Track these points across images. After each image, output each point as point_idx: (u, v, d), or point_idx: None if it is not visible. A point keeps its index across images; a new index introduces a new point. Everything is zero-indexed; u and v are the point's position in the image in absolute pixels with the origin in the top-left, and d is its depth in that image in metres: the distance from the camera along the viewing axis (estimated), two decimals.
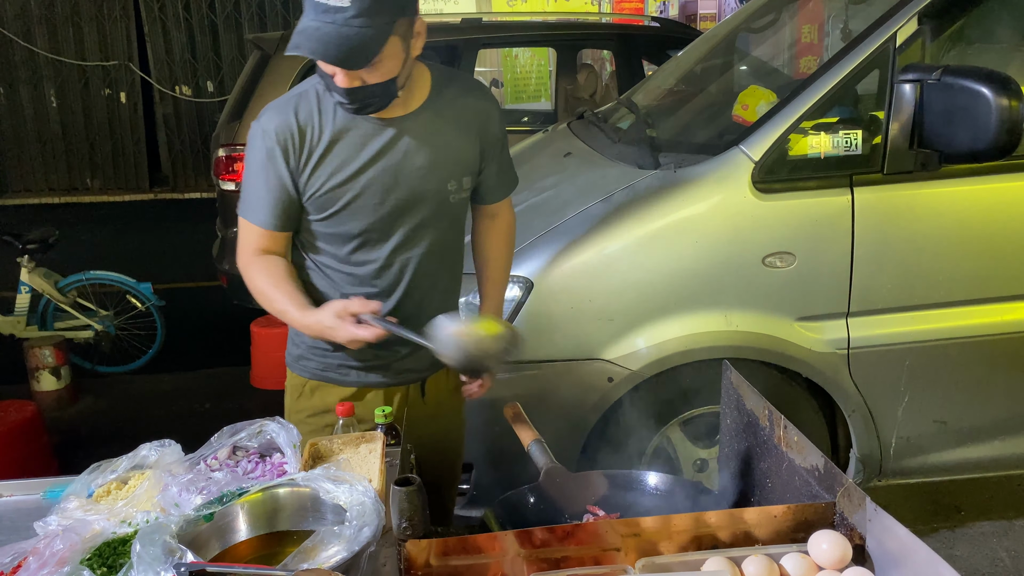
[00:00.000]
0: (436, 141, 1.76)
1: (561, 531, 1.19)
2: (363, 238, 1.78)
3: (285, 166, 1.70)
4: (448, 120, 1.78)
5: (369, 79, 1.59)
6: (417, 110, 1.74)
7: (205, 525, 1.30)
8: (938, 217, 2.49)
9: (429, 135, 1.76)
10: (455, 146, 1.80)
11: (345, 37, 1.50)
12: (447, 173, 1.79)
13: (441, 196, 1.80)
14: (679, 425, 2.58)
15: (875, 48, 2.39)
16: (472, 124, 1.83)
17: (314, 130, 1.69)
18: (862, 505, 1.15)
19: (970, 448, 2.69)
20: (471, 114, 1.83)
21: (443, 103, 1.78)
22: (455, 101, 1.80)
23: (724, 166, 2.45)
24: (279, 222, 1.76)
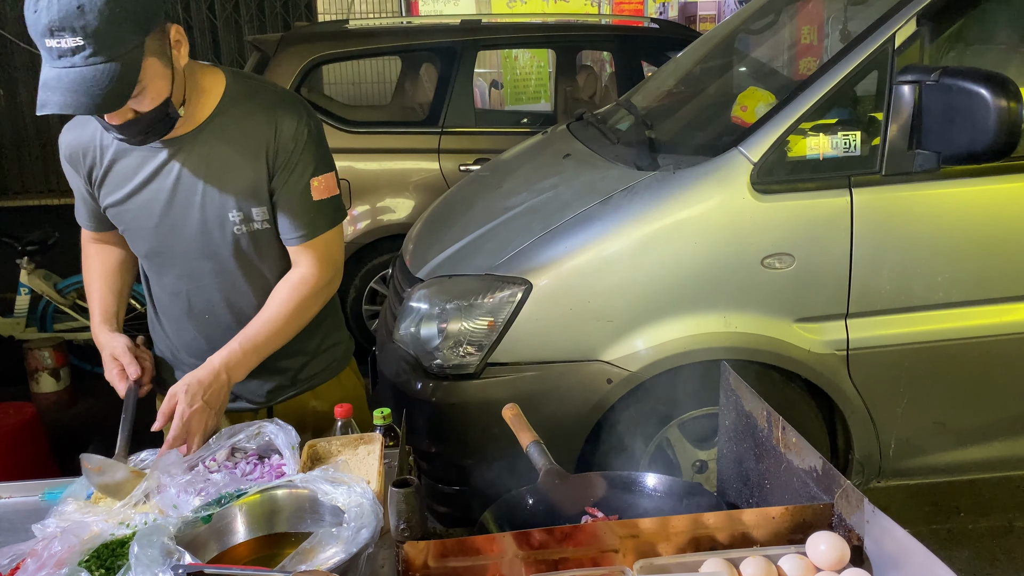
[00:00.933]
0: (211, 165, 1.60)
1: (559, 532, 1.19)
2: (150, 260, 1.76)
3: (78, 179, 1.71)
4: (229, 142, 1.60)
5: (141, 108, 1.45)
6: (194, 130, 1.60)
7: (203, 527, 1.30)
8: (937, 218, 2.49)
9: (205, 157, 1.60)
10: (236, 172, 1.61)
11: (91, 80, 1.33)
12: (227, 201, 1.62)
13: (223, 225, 1.64)
14: (678, 426, 2.58)
15: (874, 49, 2.39)
16: (260, 149, 1.60)
17: (97, 149, 1.65)
18: (860, 506, 1.14)
19: (969, 449, 2.69)
20: (260, 138, 1.60)
21: (228, 120, 1.60)
22: (242, 121, 1.60)
23: (723, 167, 2.45)
24: (93, 224, 1.81)
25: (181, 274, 1.73)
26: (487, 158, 4.19)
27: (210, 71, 1.63)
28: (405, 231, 3.49)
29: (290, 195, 1.65)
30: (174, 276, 1.74)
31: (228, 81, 1.63)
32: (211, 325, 1.76)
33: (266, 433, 1.57)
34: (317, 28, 6.06)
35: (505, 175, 3.34)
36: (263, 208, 1.65)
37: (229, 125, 1.61)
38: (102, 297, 1.81)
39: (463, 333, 2.50)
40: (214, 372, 1.60)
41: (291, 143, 1.62)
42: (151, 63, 1.42)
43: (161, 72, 1.45)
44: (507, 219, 2.77)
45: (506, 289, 2.47)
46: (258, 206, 1.64)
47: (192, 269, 1.71)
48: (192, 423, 1.55)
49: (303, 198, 1.65)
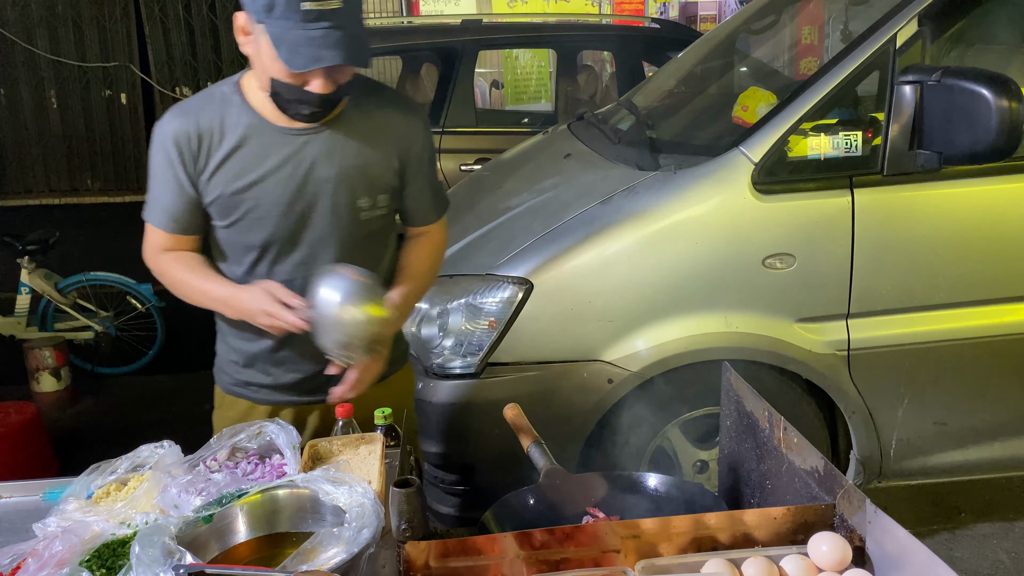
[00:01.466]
0: (346, 154, 1.68)
1: (561, 533, 1.19)
2: (265, 249, 1.71)
3: (183, 169, 1.65)
4: (363, 133, 1.70)
5: (342, 79, 1.55)
6: (331, 121, 1.67)
7: (204, 527, 1.30)
8: (938, 218, 2.48)
9: (339, 147, 1.68)
10: (368, 161, 1.71)
11: (352, 36, 1.46)
12: (357, 189, 1.71)
13: (350, 212, 1.71)
14: (679, 426, 2.58)
15: (875, 49, 2.39)
16: (390, 140, 1.74)
17: (214, 135, 1.64)
18: (862, 507, 1.14)
19: (970, 450, 2.68)
20: (390, 129, 1.74)
21: (360, 115, 1.70)
22: (373, 113, 1.72)
23: (724, 167, 2.45)
24: (179, 225, 1.71)
25: (300, 262, 1.72)
26: (488, 158, 4.19)
27: None
28: None
29: (426, 181, 1.82)
30: (291, 264, 1.72)
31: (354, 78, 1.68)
32: None
33: (267, 433, 1.57)
34: None
35: (506, 175, 3.34)
36: (387, 195, 1.75)
37: (362, 117, 1.70)
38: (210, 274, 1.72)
39: (464, 333, 2.50)
40: None
41: (423, 137, 1.78)
42: None
43: None
44: (508, 219, 2.77)
45: (507, 289, 2.47)
46: (383, 193, 1.75)
47: (312, 255, 1.72)
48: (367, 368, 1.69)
49: (435, 181, 1.86)
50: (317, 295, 1.56)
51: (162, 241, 1.74)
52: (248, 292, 1.64)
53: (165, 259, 1.74)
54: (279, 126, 1.64)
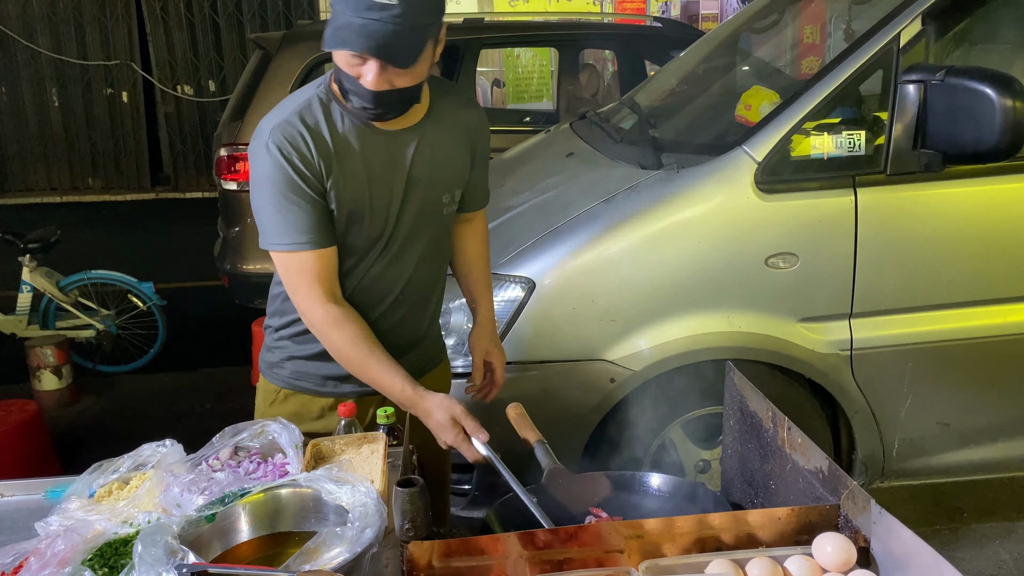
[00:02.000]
0: (438, 153, 1.75)
1: (564, 533, 1.18)
2: (365, 251, 1.73)
3: (304, 178, 1.61)
4: (448, 132, 1.77)
5: (399, 82, 1.55)
6: (421, 121, 1.72)
7: (207, 526, 1.30)
8: (941, 218, 2.48)
9: (432, 147, 1.74)
10: (453, 159, 1.79)
11: (394, 34, 1.47)
12: (445, 185, 1.79)
13: (438, 208, 1.79)
14: (681, 426, 2.57)
15: (879, 48, 2.38)
16: (467, 137, 1.82)
17: (324, 139, 1.63)
18: (867, 507, 1.14)
19: (973, 450, 2.68)
20: (466, 127, 1.82)
21: (443, 115, 1.77)
22: (453, 113, 1.79)
23: (727, 166, 2.44)
24: (320, 236, 1.64)
25: (392, 259, 1.76)
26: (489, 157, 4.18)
27: None
28: None
29: (482, 173, 1.93)
30: (384, 263, 1.76)
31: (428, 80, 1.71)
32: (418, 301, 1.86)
33: (269, 432, 1.56)
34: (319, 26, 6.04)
35: (508, 174, 3.33)
36: (460, 190, 1.83)
37: (443, 116, 1.76)
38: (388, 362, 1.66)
39: (466, 332, 2.49)
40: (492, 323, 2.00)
41: (486, 131, 1.88)
42: (430, 48, 1.55)
43: (429, 57, 1.57)
44: (510, 218, 2.76)
45: (509, 288, 2.47)
46: (459, 188, 1.83)
47: (403, 251, 1.77)
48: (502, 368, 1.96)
49: (488, 172, 1.96)
50: None
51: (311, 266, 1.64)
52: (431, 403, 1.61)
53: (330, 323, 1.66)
54: (379, 128, 1.67)
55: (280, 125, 1.62)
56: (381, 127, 1.67)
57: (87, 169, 9.11)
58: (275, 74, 4.46)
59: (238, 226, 4.52)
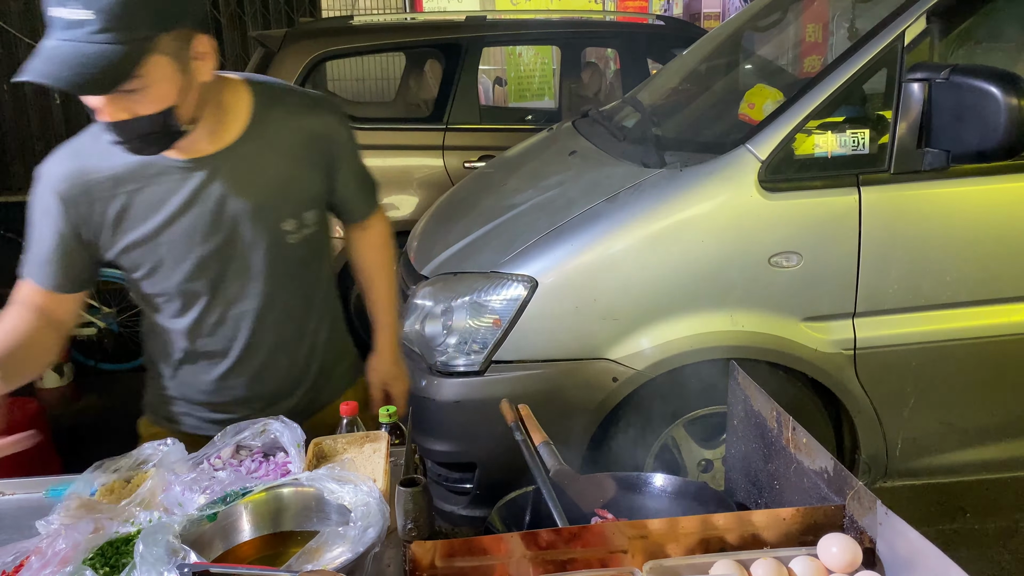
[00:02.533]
0: (262, 178, 1.52)
1: (567, 533, 1.18)
2: (186, 294, 1.57)
3: (66, 219, 1.47)
4: (276, 150, 1.54)
5: (139, 109, 1.32)
6: (234, 144, 1.50)
7: (208, 525, 1.29)
8: (946, 217, 2.47)
9: (252, 172, 1.51)
10: (287, 179, 1.56)
11: (84, 56, 1.23)
12: (281, 213, 1.56)
13: (277, 238, 1.57)
14: (683, 425, 2.57)
15: (883, 47, 2.38)
16: (311, 149, 1.58)
17: (105, 179, 1.46)
18: (872, 508, 1.13)
19: (976, 449, 2.68)
20: (307, 138, 1.57)
21: (268, 131, 1.53)
22: (284, 125, 1.55)
23: (730, 165, 2.44)
24: (56, 281, 1.53)
25: (230, 301, 1.60)
26: (492, 155, 4.18)
27: (230, 84, 1.54)
28: (409, 228, 3.48)
29: (354, 179, 1.71)
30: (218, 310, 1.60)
31: (253, 90, 1.55)
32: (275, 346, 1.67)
33: (271, 431, 1.56)
34: (321, 24, 6.05)
35: (510, 172, 3.32)
36: (315, 211, 1.62)
37: (266, 132, 1.53)
38: None
39: (468, 331, 2.49)
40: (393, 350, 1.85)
41: (343, 138, 1.65)
42: (160, 62, 1.31)
43: (170, 76, 1.34)
44: (512, 216, 2.75)
45: (511, 287, 2.46)
46: (310, 210, 1.61)
47: (241, 293, 1.60)
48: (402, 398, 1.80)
49: (363, 170, 1.75)
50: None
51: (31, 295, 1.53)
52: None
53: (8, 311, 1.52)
54: (180, 159, 1.47)
55: (59, 156, 1.50)
56: (175, 156, 1.46)
57: None
58: (277, 72, 4.46)
59: None
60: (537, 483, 1.45)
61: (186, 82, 1.37)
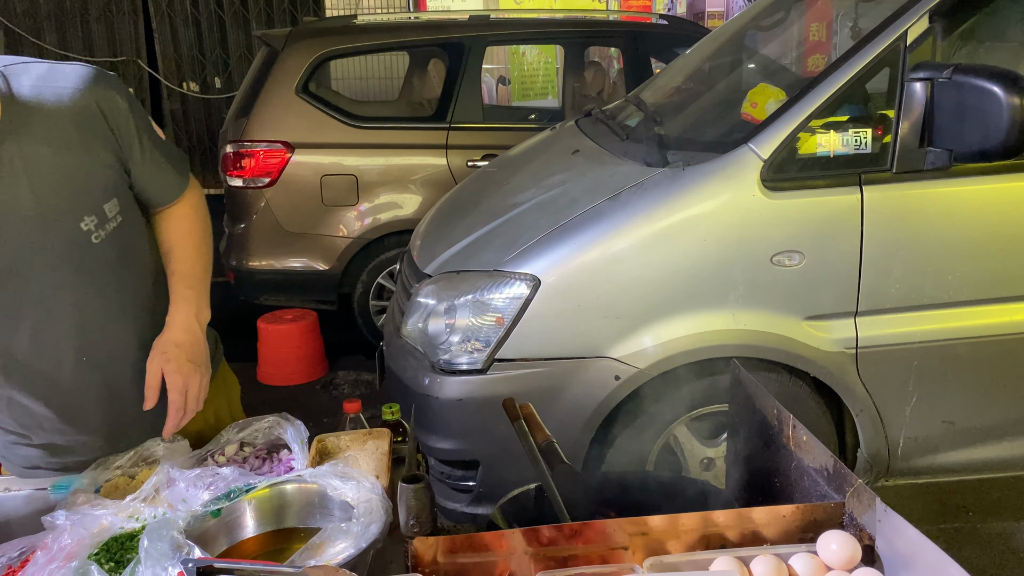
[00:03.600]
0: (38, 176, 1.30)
1: (568, 529, 1.18)
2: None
3: None
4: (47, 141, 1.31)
5: None
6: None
7: (212, 521, 1.30)
8: (948, 216, 2.47)
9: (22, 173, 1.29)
10: (72, 171, 1.34)
11: None
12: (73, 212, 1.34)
13: (77, 242, 1.36)
14: (685, 423, 2.57)
15: (885, 46, 2.38)
16: (88, 131, 1.35)
17: None
18: (872, 506, 1.14)
19: (978, 448, 2.67)
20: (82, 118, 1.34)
21: (28, 122, 1.30)
22: (48, 114, 1.31)
23: (733, 164, 2.44)
24: None
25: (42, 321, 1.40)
26: (495, 154, 4.18)
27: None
28: (412, 227, 3.49)
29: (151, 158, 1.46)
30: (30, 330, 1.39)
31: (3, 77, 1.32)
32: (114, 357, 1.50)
33: (275, 428, 1.57)
34: (325, 23, 6.06)
35: (513, 171, 3.33)
36: (114, 201, 1.41)
37: (30, 124, 1.30)
38: None
39: (471, 329, 2.50)
40: (185, 327, 1.45)
41: (124, 114, 1.40)
42: None
43: None
44: (515, 215, 2.76)
45: (514, 285, 2.47)
46: (108, 200, 1.40)
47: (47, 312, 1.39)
48: (189, 387, 1.43)
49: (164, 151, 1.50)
50: None
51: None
52: None
53: None
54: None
55: None
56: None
57: None
58: (281, 71, 4.47)
59: (244, 222, 4.53)
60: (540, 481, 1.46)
61: None
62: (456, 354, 2.50)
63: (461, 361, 2.49)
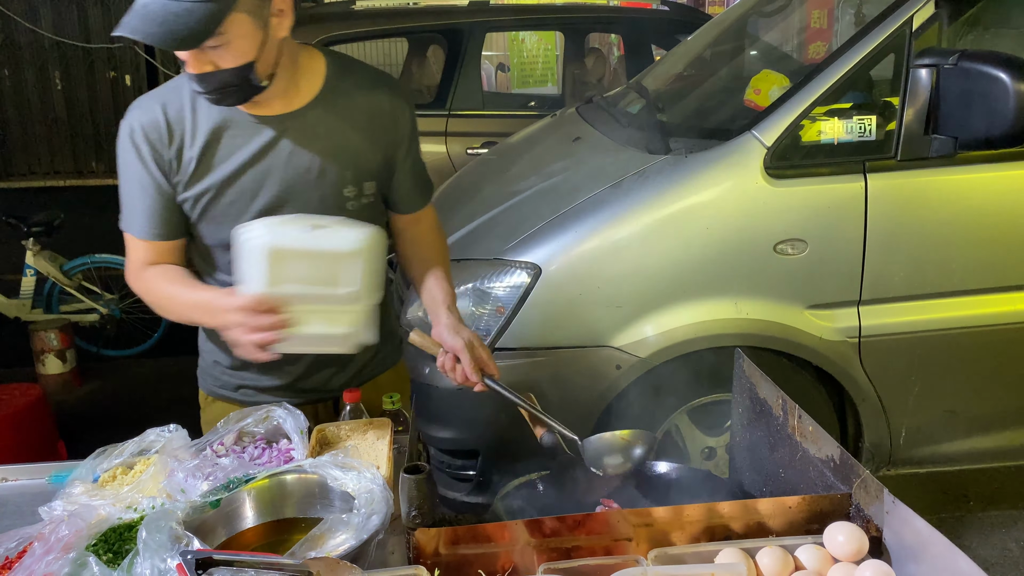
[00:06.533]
0: (327, 142, 1.58)
1: (572, 520, 1.17)
2: None
3: (157, 167, 1.54)
4: (343, 117, 1.59)
5: (221, 63, 1.41)
6: (305, 107, 1.56)
7: (211, 512, 1.29)
8: (952, 204, 2.46)
9: (319, 135, 1.57)
10: (352, 147, 1.61)
11: (171, 13, 1.33)
12: (343, 177, 1.60)
13: (336, 203, 1.60)
14: (687, 413, 2.56)
15: (891, 32, 2.35)
16: (374, 124, 1.63)
17: (186, 127, 1.53)
18: (879, 497, 1.13)
19: (980, 438, 2.67)
20: (372, 113, 1.62)
21: (337, 98, 1.59)
22: (353, 96, 1.61)
23: (736, 151, 2.42)
24: (162, 231, 1.58)
25: None
26: (495, 141, 4.16)
27: (307, 50, 1.60)
28: None
29: (413, 165, 1.72)
30: None
31: (327, 58, 1.61)
32: None
33: (274, 417, 1.55)
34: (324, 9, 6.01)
35: (513, 159, 3.31)
36: (373, 183, 1.65)
37: (341, 102, 1.59)
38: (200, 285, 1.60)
39: (471, 318, 2.48)
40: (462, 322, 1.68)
41: (408, 118, 1.67)
42: (240, 19, 1.38)
43: (250, 32, 1.41)
44: (516, 203, 2.74)
45: (515, 274, 2.45)
46: (370, 180, 1.64)
47: None
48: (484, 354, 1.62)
49: (421, 167, 1.76)
50: None
51: (144, 254, 1.61)
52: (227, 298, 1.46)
53: (149, 275, 1.61)
54: (252, 115, 1.54)
55: (141, 108, 1.56)
56: (252, 112, 1.53)
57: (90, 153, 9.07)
58: None
59: None
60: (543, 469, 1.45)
61: (265, 38, 1.44)
62: None
63: None
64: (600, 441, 1.48)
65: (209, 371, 1.80)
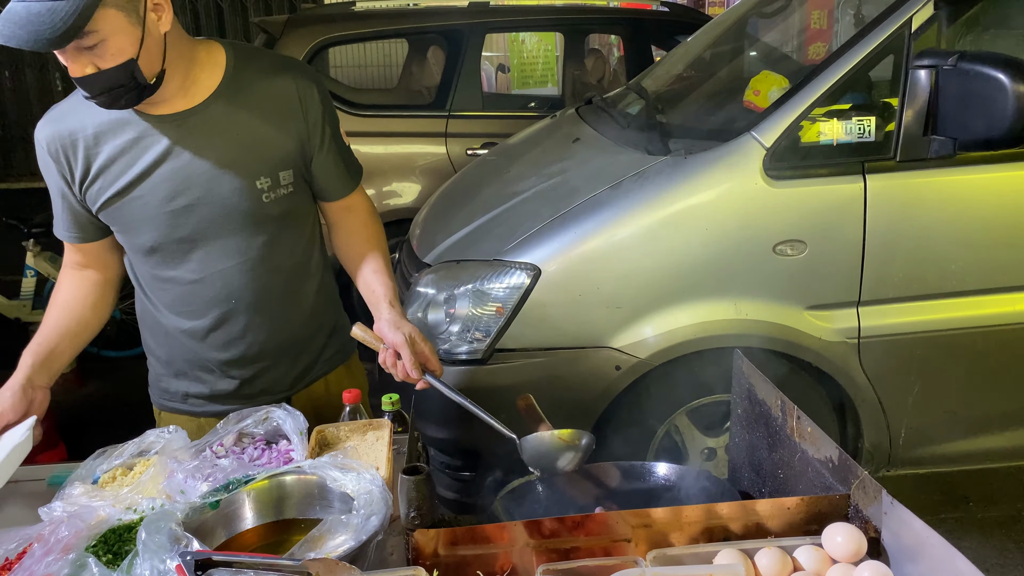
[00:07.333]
0: (232, 134, 1.56)
1: (571, 521, 1.17)
2: (162, 251, 1.62)
3: (62, 178, 1.58)
4: (247, 108, 1.56)
5: (101, 63, 1.38)
6: (206, 101, 1.54)
7: (211, 513, 1.29)
8: (951, 205, 2.46)
9: (222, 129, 1.55)
10: (260, 137, 1.58)
11: (34, 14, 1.29)
12: (253, 170, 1.58)
13: (250, 197, 1.59)
14: (686, 413, 2.56)
15: (890, 33, 2.35)
16: (281, 110, 1.59)
17: (88, 136, 1.53)
18: (878, 498, 1.13)
19: (980, 438, 2.67)
20: (277, 99, 1.59)
21: (239, 89, 1.56)
22: (255, 85, 1.57)
23: (735, 152, 2.42)
24: (80, 234, 1.65)
25: (203, 257, 1.62)
26: (494, 142, 4.16)
27: (205, 44, 1.58)
28: (411, 216, 3.47)
29: (334, 147, 1.68)
30: (195, 262, 1.63)
31: (228, 51, 1.59)
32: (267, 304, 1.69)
33: (274, 418, 1.56)
34: (323, 10, 6.01)
35: (513, 159, 3.31)
36: (290, 171, 1.62)
37: (243, 92, 1.57)
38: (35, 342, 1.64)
39: (471, 318, 2.48)
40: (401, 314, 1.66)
41: (318, 100, 1.63)
42: (111, 15, 1.35)
43: (124, 28, 1.38)
44: (515, 204, 2.74)
45: (514, 274, 2.45)
46: (285, 169, 1.62)
47: (215, 249, 1.62)
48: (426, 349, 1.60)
49: (343, 149, 1.71)
50: None
51: (68, 252, 1.69)
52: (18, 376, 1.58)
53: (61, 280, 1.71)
54: (152, 115, 1.52)
55: (47, 119, 1.58)
56: (152, 112, 1.52)
57: None
58: None
59: None
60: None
61: (143, 34, 1.41)
62: (456, 344, 2.48)
63: (461, 351, 2.48)
64: (538, 440, 1.48)
65: (156, 383, 1.82)
